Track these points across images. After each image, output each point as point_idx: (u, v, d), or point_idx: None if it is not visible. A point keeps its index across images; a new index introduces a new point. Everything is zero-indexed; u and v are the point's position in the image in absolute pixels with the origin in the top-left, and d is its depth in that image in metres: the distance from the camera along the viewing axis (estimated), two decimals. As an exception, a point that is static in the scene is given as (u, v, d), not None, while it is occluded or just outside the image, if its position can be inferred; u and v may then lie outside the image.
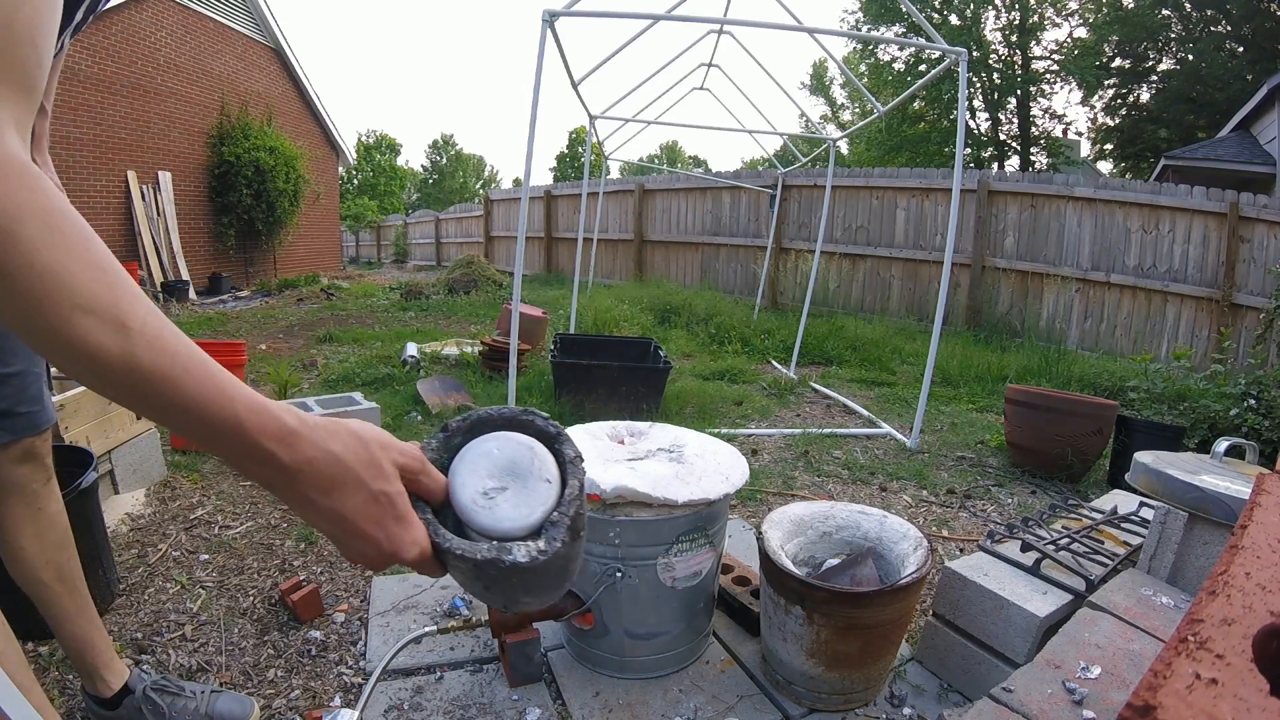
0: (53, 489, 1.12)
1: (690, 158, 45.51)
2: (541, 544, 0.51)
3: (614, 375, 3.40)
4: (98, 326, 0.38)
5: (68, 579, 1.12)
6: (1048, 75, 16.96)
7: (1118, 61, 16.71)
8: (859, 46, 18.78)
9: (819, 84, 25.34)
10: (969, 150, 17.26)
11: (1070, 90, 23.07)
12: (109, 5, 7.43)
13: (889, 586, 1.26)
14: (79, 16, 0.75)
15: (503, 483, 0.53)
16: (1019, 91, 17.07)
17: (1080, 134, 19.21)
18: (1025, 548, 1.50)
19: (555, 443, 0.57)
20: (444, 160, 45.12)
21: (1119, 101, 17.52)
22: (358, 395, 2.89)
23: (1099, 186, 6.24)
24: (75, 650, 1.15)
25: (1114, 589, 1.28)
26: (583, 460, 0.57)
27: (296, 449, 0.45)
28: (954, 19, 16.68)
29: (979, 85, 17.21)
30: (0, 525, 1.08)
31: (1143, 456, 1.43)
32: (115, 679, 1.19)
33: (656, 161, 39.52)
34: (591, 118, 5.16)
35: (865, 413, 3.88)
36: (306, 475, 0.45)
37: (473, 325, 6.57)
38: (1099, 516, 1.79)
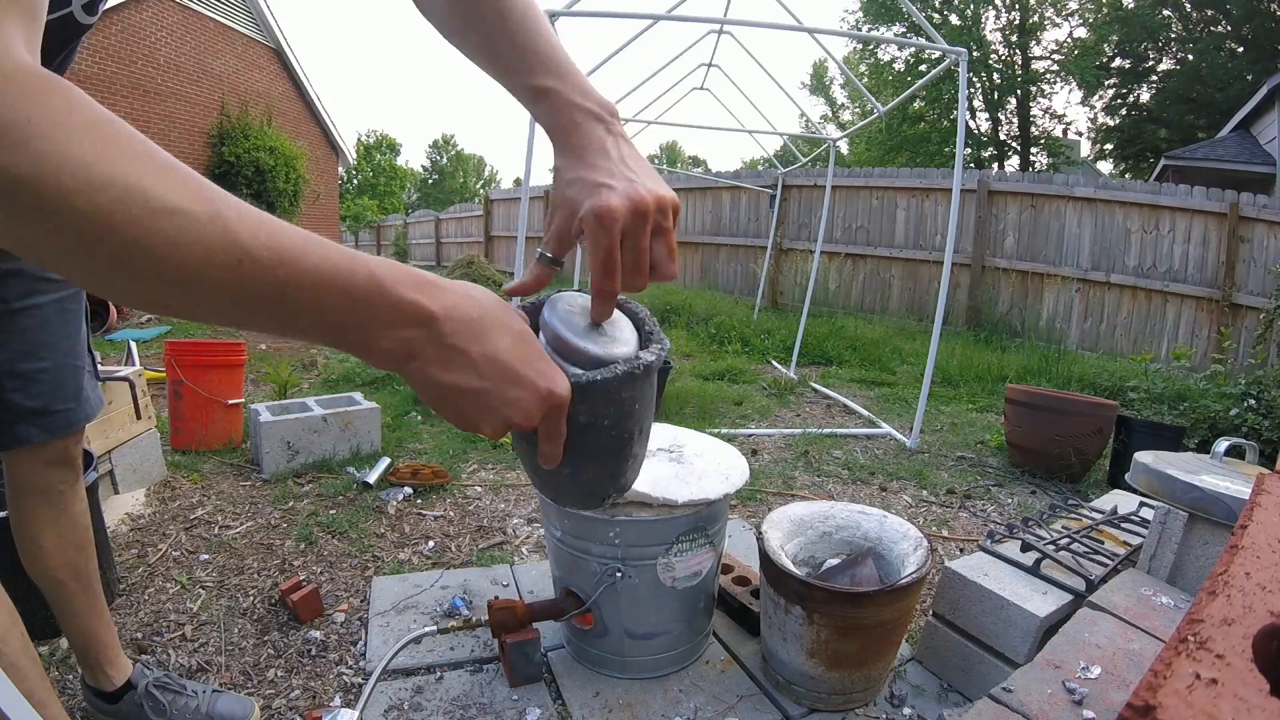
0: (79, 490, 1.11)
1: (690, 158, 45.52)
2: (656, 347, 0.57)
3: (614, 375, 3.39)
4: (189, 224, 0.33)
5: (83, 577, 1.11)
6: (1048, 75, 16.97)
7: (1118, 61, 16.72)
8: (859, 46, 18.79)
9: (819, 84, 25.34)
10: (969, 150, 17.26)
11: (1070, 90, 23.10)
12: (110, 4, 7.44)
13: (889, 586, 1.27)
14: None
15: (584, 321, 0.57)
16: (1019, 91, 17.09)
17: (1080, 134, 19.27)
18: (1025, 548, 1.50)
19: (632, 307, 0.64)
20: (444, 160, 45.12)
21: (1119, 101, 17.53)
22: (358, 395, 2.89)
23: (1099, 186, 6.25)
24: (81, 645, 1.15)
25: (1114, 589, 1.28)
26: (656, 328, 0.61)
27: (439, 295, 0.42)
28: (954, 19, 16.70)
29: (979, 85, 17.22)
30: (22, 523, 1.07)
31: (1143, 456, 1.43)
32: (119, 674, 1.18)
33: (656, 161, 39.52)
34: (591, 118, 5.15)
35: (865, 413, 3.88)
36: (455, 321, 0.43)
37: (473, 325, 6.57)
38: (1099, 516, 1.79)
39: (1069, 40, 16.84)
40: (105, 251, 0.33)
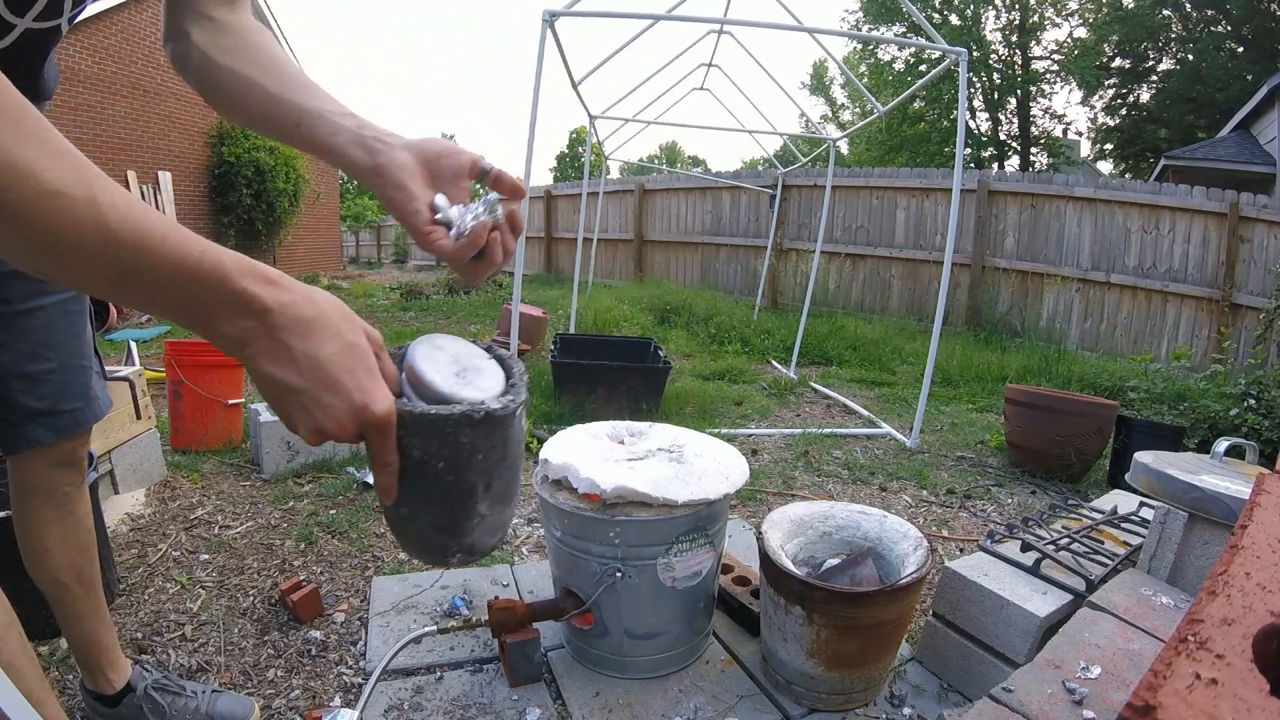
0: (84, 492, 1.11)
1: (690, 158, 45.49)
2: (510, 395, 0.56)
3: (614, 375, 3.39)
4: (68, 206, 0.39)
5: (86, 579, 1.11)
6: (1048, 75, 16.96)
7: (1118, 61, 16.72)
8: (859, 46, 18.79)
9: (819, 84, 25.32)
10: (969, 150, 17.26)
11: (1070, 90, 23.09)
12: (110, 4, 7.45)
13: (889, 586, 1.27)
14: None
15: (459, 368, 0.56)
16: (1019, 91, 17.08)
17: (1080, 134, 19.24)
18: (1025, 548, 1.50)
19: (502, 357, 0.63)
20: (444, 160, 45.04)
21: (1119, 101, 17.52)
22: (358, 395, 2.89)
23: (1099, 186, 6.24)
24: (82, 647, 1.14)
25: (1114, 589, 1.28)
26: (521, 378, 0.60)
27: (278, 291, 0.45)
28: (954, 19, 16.69)
29: (979, 85, 17.21)
30: (27, 526, 1.06)
31: (1143, 456, 1.43)
32: (119, 677, 1.18)
33: (656, 161, 39.51)
34: (591, 118, 5.16)
35: (865, 413, 3.88)
36: (287, 318, 0.45)
37: (473, 325, 6.57)
38: (1099, 516, 1.79)
39: (1069, 40, 16.84)
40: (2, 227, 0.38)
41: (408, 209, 0.60)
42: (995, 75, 17.11)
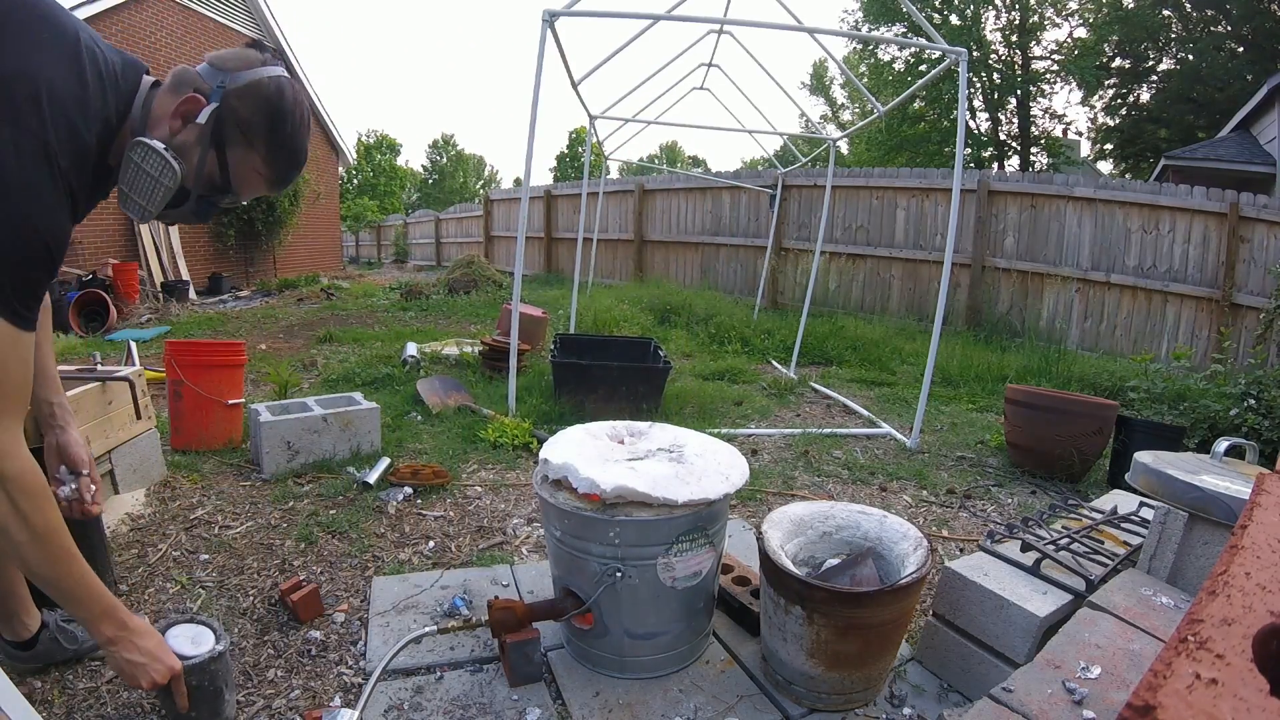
0: None
1: (690, 158, 45.48)
2: (214, 649, 1.21)
3: (614, 375, 3.39)
4: (83, 605, 1.03)
5: None
6: (1048, 75, 16.95)
7: (1118, 61, 16.70)
8: (859, 46, 18.78)
9: (819, 84, 25.32)
10: (969, 150, 17.24)
11: (1070, 90, 23.04)
12: (109, 4, 7.45)
13: (889, 586, 1.27)
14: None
15: (191, 638, 1.22)
16: (1019, 91, 17.06)
17: (1080, 134, 19.19)
18: (1025, 548, 1.50)
19: (209, 623, 1.28)
20: (444, 160, 45.09)
21: (1119, 101, 17.50)
22: (358, 395, 2.89)
23: (1099, 186, 6.24)
24: (3, 598, 1.26)
25: (1114, 589, 1.28)
26: (223, 633, 1.27)
27: (134, 622, 1.09)
28: (954, 19, 16.67)
29: (979, 85, 17.19)
30: None
31: (1143, 456, 1.43)
32: (34, 621, 1.32)
33: (656, 161, 39.50)
34: (591, 118, 5.16)
35: (865, 413, 3.88)
36: (136, 634, 1.08)
37: (473, 325, 6.57)
38: (1099, 516, 1.79)
39: (1069, 40, 16.81)
40: (54, 588, 1.02)
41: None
42: (995, 75, 17.08)
